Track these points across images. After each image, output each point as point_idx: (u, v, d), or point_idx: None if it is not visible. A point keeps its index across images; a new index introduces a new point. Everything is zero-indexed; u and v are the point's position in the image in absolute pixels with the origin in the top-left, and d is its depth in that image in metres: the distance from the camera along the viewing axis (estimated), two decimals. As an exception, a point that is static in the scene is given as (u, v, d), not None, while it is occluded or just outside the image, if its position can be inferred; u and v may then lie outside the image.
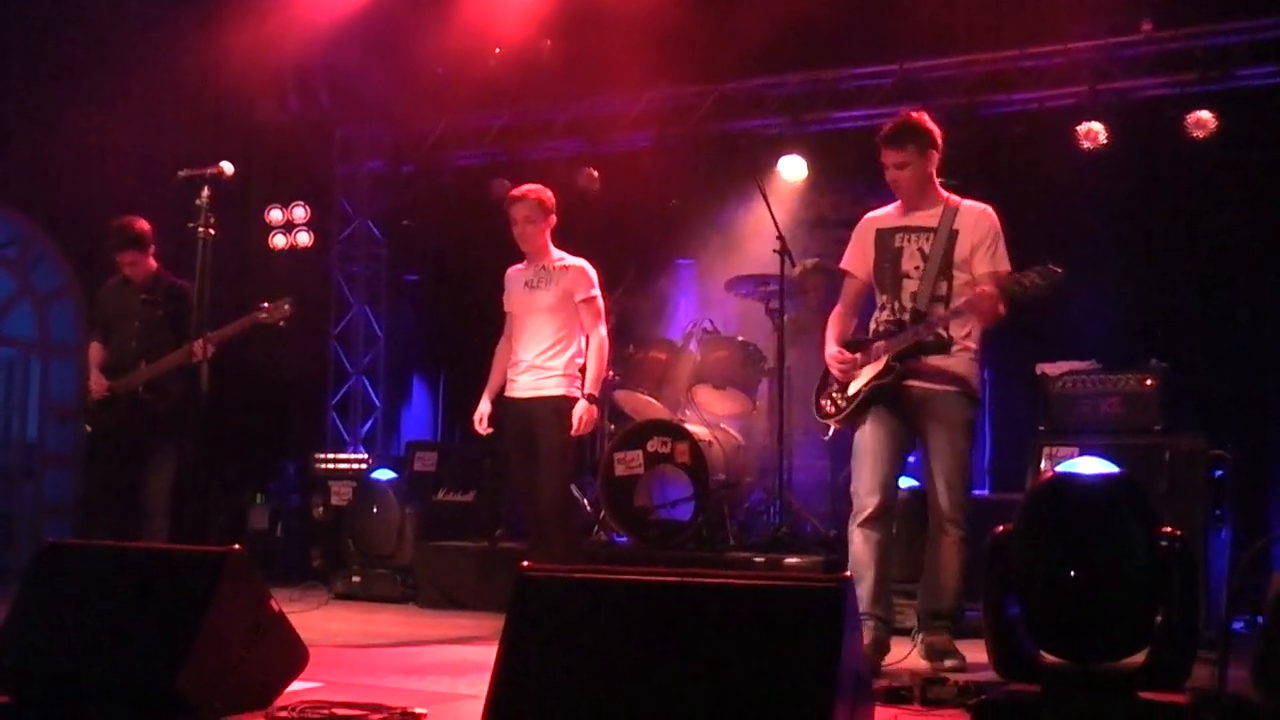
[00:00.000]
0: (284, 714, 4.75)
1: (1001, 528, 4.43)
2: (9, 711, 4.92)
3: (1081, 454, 7.51)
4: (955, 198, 6.58)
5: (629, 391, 9.80)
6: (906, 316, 6.44)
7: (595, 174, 11.54)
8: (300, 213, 11.94)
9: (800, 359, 9.82)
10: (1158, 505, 4.32)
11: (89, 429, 8.63)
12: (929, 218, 6.54)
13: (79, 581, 5.24)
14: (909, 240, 6.55)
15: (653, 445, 9.19)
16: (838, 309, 6.89)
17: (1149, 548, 4.12)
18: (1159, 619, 4.16)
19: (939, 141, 6.55)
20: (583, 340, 7.96)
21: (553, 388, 7.80)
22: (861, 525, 6.44)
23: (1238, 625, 7.38)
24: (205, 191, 6.46)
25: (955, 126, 10.23)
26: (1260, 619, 4.45)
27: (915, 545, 8.04)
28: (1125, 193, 9.77)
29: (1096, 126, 9.77)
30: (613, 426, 9.95)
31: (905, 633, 7.74)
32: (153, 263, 8.58)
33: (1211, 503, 7.54)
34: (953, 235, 6.45)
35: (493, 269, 12.06)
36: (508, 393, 7.98)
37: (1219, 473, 7.66)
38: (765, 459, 9.69)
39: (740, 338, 9.77)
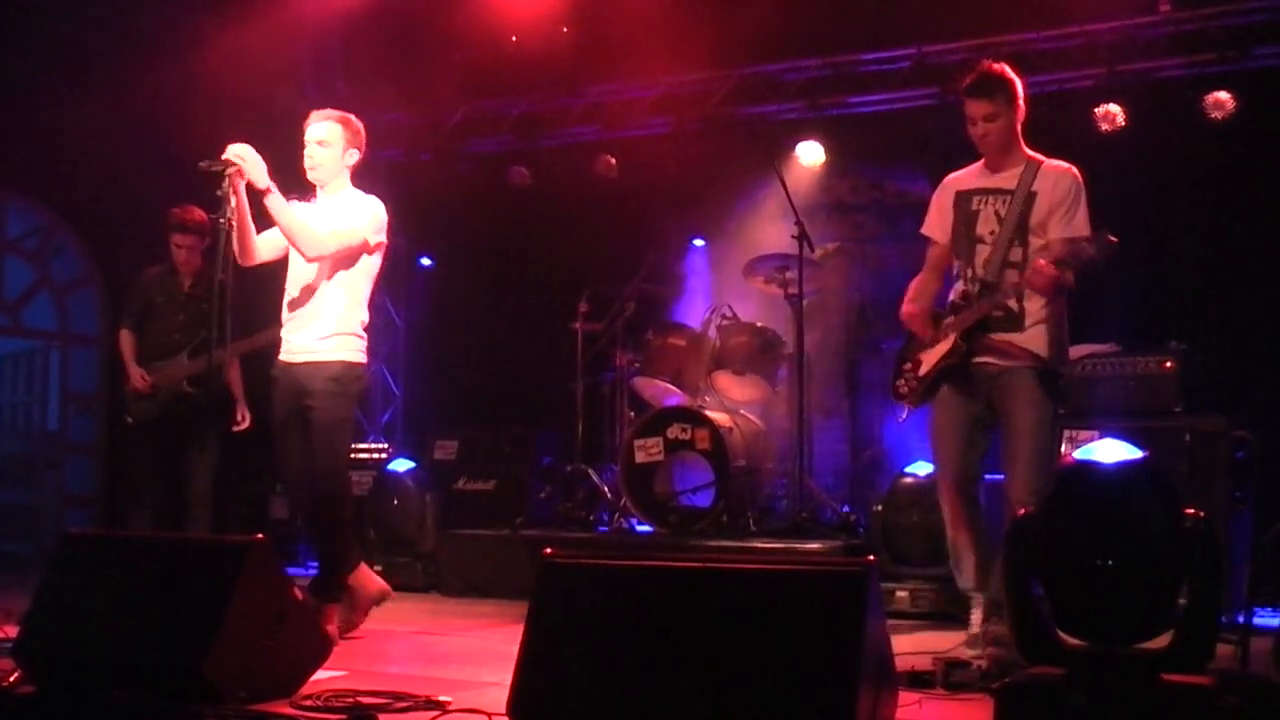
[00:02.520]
0: (309, 702, 4.78)
1: (1023, 510, 4.43)
2: (34, 701, 4.95)
3: (1102, 437, 7.50)
4: (1038, 155, 6.23)
5: (648, 378, 9.81)
6: (975, 288, 6.17)
7: (613, 161, 11.53)
8: (319, 202, 11.93)
9: (819, 344, 9.83)
10: (1179, 487, 4.30)
11: (129, 420, 8.63)
12: (1009, 178, 6.19)
13: (102, 571, 5.26)
14: (986, 203, 6.23)
15: (673, 432, 9.19)
16: (921, 275, 6.57)
17: (1172, 530, 4.11)
18: (1182, 601, 4.16)
19: (1022, 93, 6.19)
20: (368, 294, 6.95)
21: (332, 350, 6.76)
22: (948, 511, 6.30)
23: (1260, 615, 7.35)
24: (226, 183, 6.45)
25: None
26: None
27: (935, 529, 8.09)
28: (1144, 174, 9.71)
29: (1115, 108, 9.74)
30: (633, 414, 9.96)
31: (928, 617, 7.76)
32: (198, 258, 8.60)
33: (1233, 484, 7.52)
34: (1030, 197, 6.11)
35: (512, 257, 12.13)
36: (280, 356, 6.89)
37: (1240, 454, 7.63)
38: (785, 444, 9.69)
39: (759, 323, 9.76)
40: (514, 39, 11.35)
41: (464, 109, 12.22)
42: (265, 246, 6.82)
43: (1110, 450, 4.27)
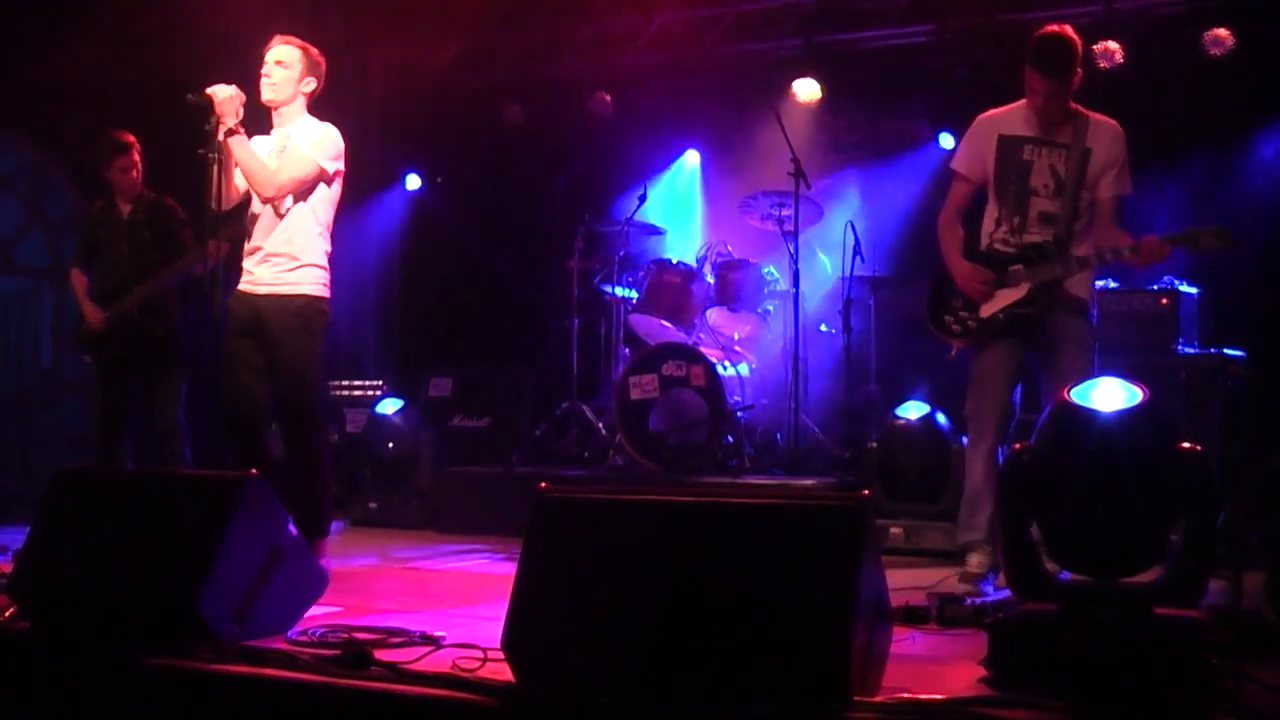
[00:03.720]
0: (304, 638, 4.77)
1: (1018, 445, 4.41)
2: (28, 637, 4.95)
3: (1099, 373, 7.50)
4: (1081, 108, 6.37)
5: (644, 315, 9.79)
6: (1034, 238, 6.30)
7: (608, 98, 11.48)
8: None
9: (813, 280, 9.81)
10: (1176, 423, 4.29)
11: (89, 360, 8.58)
12: (1061, 132, 6.32)
13: (96, 508, 5.25)
14: (1039, 154, 6.33)
15: (668, 369, 9.17)
16: (948, 215, 6.61)
17: (1168, 464, 4.10)
18: (1176, 536, 4.16)
19: (1082, 55, 6.30)
20: (330, 222, 6.82)
21: (295, 284, 6.67)
22: (976, 456, 6.38)
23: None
24: (214, 118, 6.40)
25: (969, 46, 10.20)
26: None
27: (930, 467, 8.10)
28: (1142, 111, 9.64)
29: (1114, 45, 9.68)
30: (627, 350, 9.95)
31: (922, 553, 7.77)
32: (138, 178, 8.52)
33: (1227, 416, 7.53)
34: (1086, 153, 6.27)
35: (508, 193, 12.06)
36: (239, 285, 6.76)
37: (1234, 383, 7.65)
38: (780, 381, 9.69)
39: (754, 260, 9.74)
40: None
41: (458, 45, 12.13)
42: (239, 187, 6.73)
43: (1108, 389, 4.24)
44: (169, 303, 8.46)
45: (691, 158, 11.55)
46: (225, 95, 6.41)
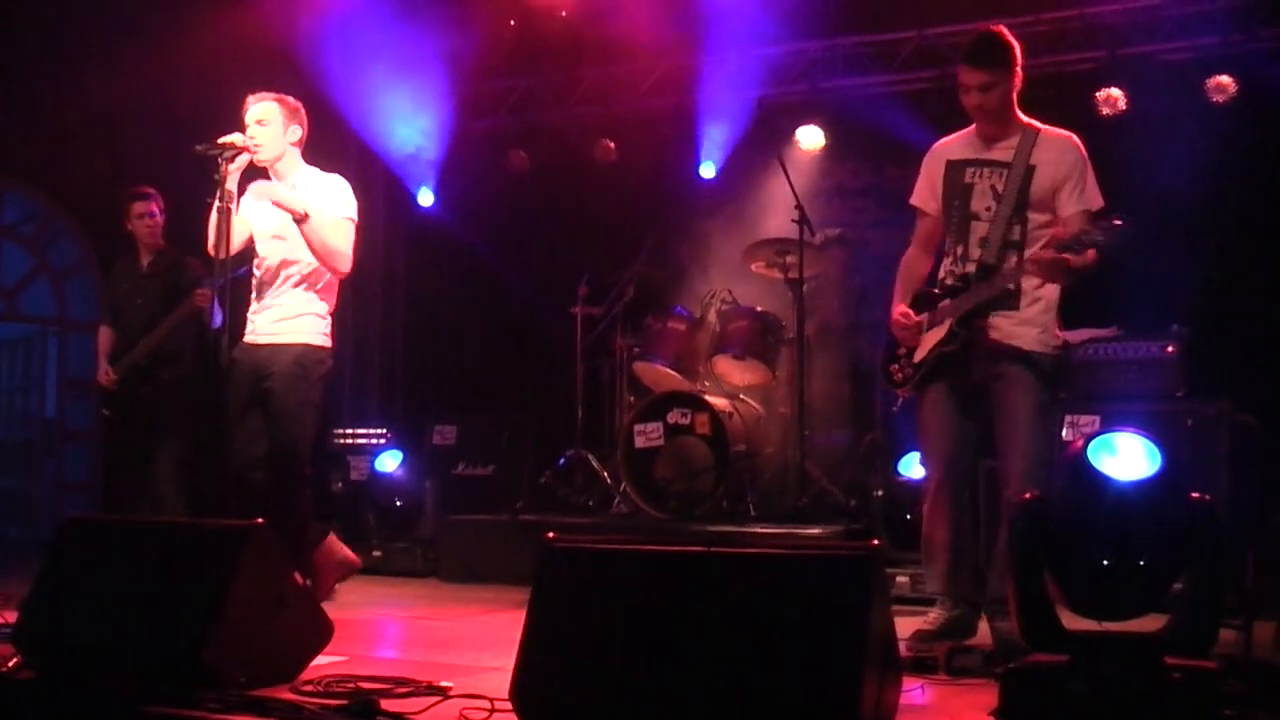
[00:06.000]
0: (310, 688, 4.75)
1: (1028, 495, 4.40)
2: (33, 686, 4.92)
3: (1104, 421, 7.49)
4: (1035, 124, 5.94)
5: (647, 363, 9.78)
6: (972, 268, 5.86)
7: (611, 145, 11.52)
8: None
9: (819, 328, 9.80)
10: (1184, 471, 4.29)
11: (106, 413, 8.66)
12: (1004, 150, 5.87)
13: (102, 557, 5.24)
14: (980, 176, 5.89)
15: (672, 417, 9.16)
16: (909, 252, 6.28)
17: (1177, 515, 4.09)
18: (1185, 585, 4.15)
19: (1020, 59, 5.89)
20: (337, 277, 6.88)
21: (295, 333, 6.72)
22: (930, 506, 6.01)
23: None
24: (223, 166, 6.42)
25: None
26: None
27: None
28: (1145, 158, 9.67)
29: (1116, 92, 9.70)
30: (632, 398, 9.93)
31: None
32: (156, 230, 8.56)
33: (1235, 464, 7.50)
34: (1029, 171, 5.79)
35: (511, 240, 12.07)
36: (245, 338, 6.82)
37: (1241, 430, 7.62)
38: (786, 429, 9.67)
39: (759, 308, 9.73)
40: (512, 23, 11.32)
41: (464, 90, 12.17)
42: (238, 236, 6.71)
43: (1126, 450, 4.20)
44: (182, 354, 8.51)
45: (698, 204, 11.55)
46: (236, 147, 6.46)
